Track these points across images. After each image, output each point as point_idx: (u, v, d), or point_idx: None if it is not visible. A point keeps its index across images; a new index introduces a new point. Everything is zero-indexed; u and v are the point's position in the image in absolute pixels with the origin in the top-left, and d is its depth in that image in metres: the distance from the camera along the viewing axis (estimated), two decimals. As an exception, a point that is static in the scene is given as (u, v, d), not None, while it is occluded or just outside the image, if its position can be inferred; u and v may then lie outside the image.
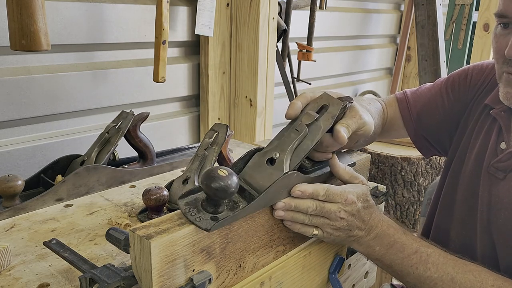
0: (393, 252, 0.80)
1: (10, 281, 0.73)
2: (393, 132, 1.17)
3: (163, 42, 1.41)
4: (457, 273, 0.78)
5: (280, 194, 0.73)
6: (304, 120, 0.75)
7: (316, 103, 0.77)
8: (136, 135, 1.18)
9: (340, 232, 0.78)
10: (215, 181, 0.61)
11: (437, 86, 1.12)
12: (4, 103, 1.26)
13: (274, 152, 0.74)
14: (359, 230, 0.79)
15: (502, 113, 0.92)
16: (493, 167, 0.90)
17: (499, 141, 0.92)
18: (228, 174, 0.62)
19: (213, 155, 1.00)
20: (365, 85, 3.02)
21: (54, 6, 1.31)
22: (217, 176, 0.61)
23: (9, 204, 0.96)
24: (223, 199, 0.64)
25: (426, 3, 2.67)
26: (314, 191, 0.74)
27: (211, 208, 0.65)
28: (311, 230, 0.77)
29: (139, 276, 0.61)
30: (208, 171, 0.63)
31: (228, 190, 0.61)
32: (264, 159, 0.74)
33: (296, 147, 0.74)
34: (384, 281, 2.03)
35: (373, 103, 1.11)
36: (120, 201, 1.05)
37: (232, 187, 0.62)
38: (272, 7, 1.76)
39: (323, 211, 0.75)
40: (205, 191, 0.63)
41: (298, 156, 0.74)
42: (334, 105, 0.76)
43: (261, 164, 0.73)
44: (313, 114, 0.75)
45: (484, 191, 0.91)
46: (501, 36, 0.86)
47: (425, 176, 2.18)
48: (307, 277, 0.84)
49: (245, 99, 1.84)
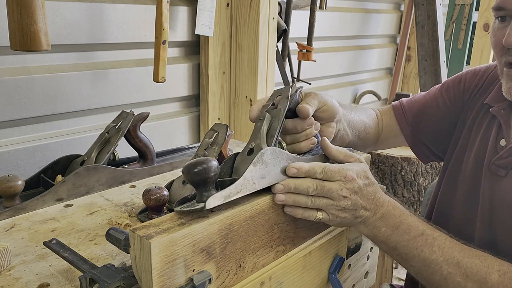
0: (399, 233, 0.79)
1: (10, 281, 0.73)
2: (390, 140, 1.18)
3: (163, 42, 1.41)
4: (463, 257, 0.77)
5: (275, 175, 0.74)
6: (262, 111, 0.82)
7: (270, 99, 0.85)
8: (136, 135, 1.18)
9: (346, 213, 0.76)
10: (195, 167, 0.64)
11: (432, 92, 1.14)
12: (4, 103, 1.26)
13: (250, 143, 0.78)
14: (364, 210, 0.77)
15: (502, 111, 0.93)
16: (494, 165, 0.90)
17: (499, 138, 0.92)
18: (205, 157, 0.66)
19: (213, 155, 1.00)
20: (365, 85, 3.02)
21: (54, 6, 1.31)
22: (195, 161, 0.65)
23: (9, 204, 0.96)
24: (208, 179, 0.65)
25: (426, 3, 2.67)
26: (311, 169, 0.74)
27: (205, 197, 0.66)
28: (314, 214, 0.76)
29: (139, 276, 0.61)
30: (188, 163, 0.66)
31: (209, 169, 0.64)
32: (244, 154, 0.78)
33: (267, 132, 0.79)
34: (384, 281, 2.03)
35: (363, 108, 1.14)
36: (120, 201, 1.05)
37: (212, 166, 0.65)
38: (272, 7, 1.76)
39: (324, 190, 0.74)
40: (189, 180, 0.66)
41: (272, 137, 0.79)
42: (284, 91, 0.83)
43: (243, 159, 0.77)
44: (268, 104, 0.83)
45: (486, 189, 0.91)
46: (498, 30, 0.86)
47: (425, 176, 2.18)
48: (307, 277, 0.84)
49: (245, 99, 1.84)
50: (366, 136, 1.09)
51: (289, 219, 0.79)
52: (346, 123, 1.00)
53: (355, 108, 1.10)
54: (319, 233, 0.88)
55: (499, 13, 0.85)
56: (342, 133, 0.98)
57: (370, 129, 1.10)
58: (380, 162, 2.17)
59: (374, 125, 1.13)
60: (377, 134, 1.15)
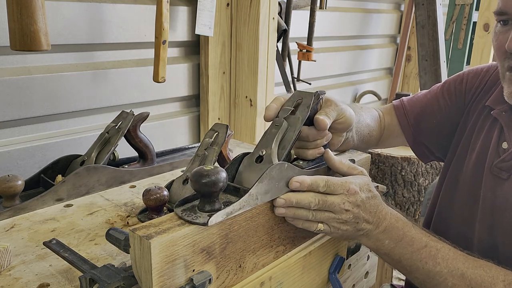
0: (402, 246, 0.78)
1: (10, 281, 0.73)
2: (391, 140, 1.17)
3: (163, 42, 1.41)
4: (467, 268, 0.77)
5: (277, 188, 0.73)
6: (281, 115, 0.80)
7: (290, 101, 0.82)
8: (136, 135, 1.18)
9: (348, 226, 0.76)
10: (204, 177, 0.63)
11: (433, 91, 1.13)
12: (4, 103, 1.26)
13: (260, 150, 0.77)
14: (366, 223, 0.77)
15: (503, 114, 0.92)
16: (496, 168, 0.90)
17: (501, 141, 0.92)
18: (216, 168, 0.65)
19: (213, 155, 0.99)
20: (365, 85, 3.02)
21: (54, 6, 1.31)
22: (206, 171, 0.64)
23: (9, 204, 0.96)
24: (214, 192, 0.65)
25: (426, 3, 2.67)
26: (313, 182, 0.73)
27: (208, 207, 0.66)
28: (315, 225, 0.75)
29: (139, 276, 0.61)
30: (196, 170, 0.65)
31: (218, 182, 0.64)
32: (253, 159, 0.77)
33: (280, 140, 0.78)
34: (384, 281, 2.03)
35: (367, 109, 1.13)
36: (120, 201, 1.05)
37: (221, 180, 0.64)
38: (272, 7, 1.76)
39: (326, 205, 0.73)
40: (196, 189, 0.65)
41: (284, 148, 0.77)
42: (306, 97, 0.81)
43: (251, 165, 0.76)
44: (289, 108, 0.80)
45: (487, 192, 0.91)
46: (500, 34, 0.86)
47: (425, 176, 2.18)
48: (307, 277, 0.83)
49: (245, 99, 1.84)
50: (369, 139, 1.08)
51: (289, 219, 0.79)
52: (355, 130, 0.99)
53: (361, 110, 1.08)
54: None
55: (501, 17, 0.84)
56: (349, 139, 0.97)
57: (373, 132, 1.09)
58: (380, 162, 2.17)
59: (377, 127, 1.13)
60: (379, 135, 1.14)
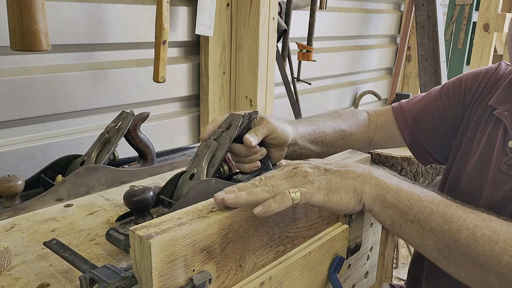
0: (408, 185, 0.70)
1: (10, 281, 0.73)
2: (387, 140, 1.18)
3: (163, 42, 1.41)
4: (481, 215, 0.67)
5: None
6: (212, 137, 0.92)
7: (224, 122, 0.95)
8: (136, 135, 1.18)
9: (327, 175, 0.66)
10: (133, 196, 0.77)
11: (431, 94, 1.13)
12: (4, 103, 1.26)
13: (193, 169, 0.89)
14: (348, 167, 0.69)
15: (506, 113, 0.92)
16: (506, 165, 0.90)
17: (507, 140, 0.92)
18: (144, 188, 0.79)
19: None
20: (365, 85, 3.02)
21: (54, 6, 1.31)
22: (134, 191, 0.77)
23: (9, 204, 0.96)
24: (144, 208, 0.78)
25: (426, 3, 2.67)
26: (248, 183, 0.66)
27: (141, 220, 0.78)
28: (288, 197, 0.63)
29: (139, 276, 0.61)
30: (128, 190, 0.78)
31: (145, 200, 0.77)
32: (187, 177, 0.89)
33: (210, 159, 0.90)
34: (384, 281, 2.03)
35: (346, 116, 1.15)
36: (120, 201, 1.05)
37: (147, 198, 0.78)
38: (272, 7, 1.76)
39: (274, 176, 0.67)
40: (129, 207, 0.78)
41: (214, 166, 0.90)
42: (236, 119, 0.94)
43: (184, 182, 0.89)
44: (218, 130, 0.93)
45: (493, 191, 0.91)
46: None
47: (425, 176, 2.18)
48: (307, 277, 0.84)
49: (245, 99, 1.84)
50: (347, 143, 1.11)
51: (289, 219, 0.79)
52: (308, 141, 1.05)
53: (321, 119, 1.11)
54: (319, 233, 0.88)
55: None
56: (300, 151, 1.03)
57: (352, 136, 1.12)
58: (380, 162, 2.17)
59: (361, 129, 1.14)
60: (366, 136, 1.16)
